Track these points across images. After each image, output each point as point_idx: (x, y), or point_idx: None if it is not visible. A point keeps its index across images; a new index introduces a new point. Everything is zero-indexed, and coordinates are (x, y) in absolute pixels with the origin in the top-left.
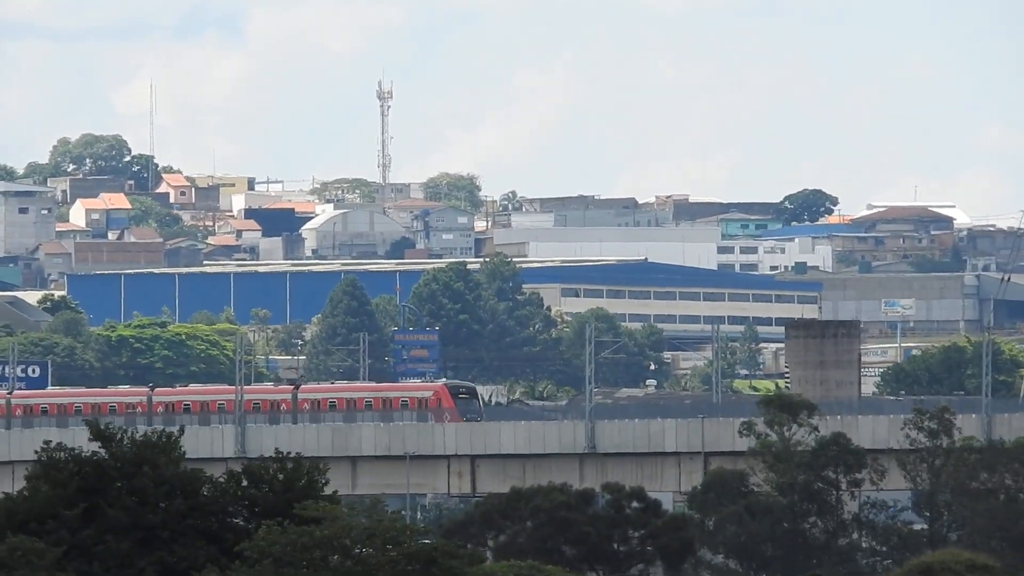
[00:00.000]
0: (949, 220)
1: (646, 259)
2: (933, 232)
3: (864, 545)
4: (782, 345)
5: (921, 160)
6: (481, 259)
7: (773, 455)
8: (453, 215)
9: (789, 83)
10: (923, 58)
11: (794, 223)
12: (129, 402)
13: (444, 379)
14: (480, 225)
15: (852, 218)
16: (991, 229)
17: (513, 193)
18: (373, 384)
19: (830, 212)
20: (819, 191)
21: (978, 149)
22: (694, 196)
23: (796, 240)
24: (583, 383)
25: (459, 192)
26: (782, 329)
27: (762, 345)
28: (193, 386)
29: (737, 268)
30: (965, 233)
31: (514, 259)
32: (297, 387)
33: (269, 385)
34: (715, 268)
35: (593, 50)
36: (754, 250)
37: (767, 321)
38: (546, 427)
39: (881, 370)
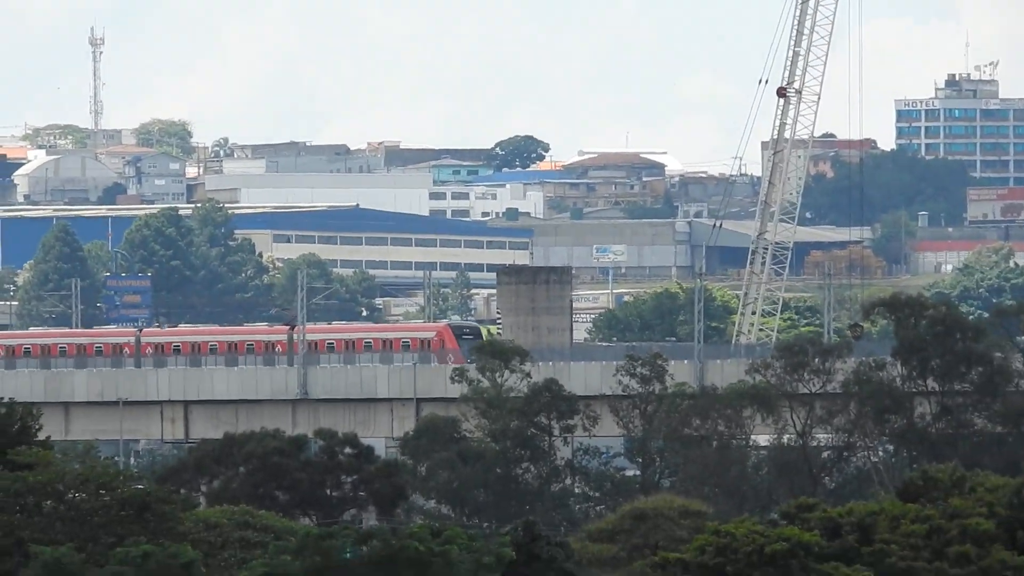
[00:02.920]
0: (661, 167)
1: (357, 205)
2: (645, 179)
3: (577, 491)
4: (494, 291)
5: (633, 107)
6: (193, 205)
7: (485, 401)
8: (165, 161)
9: (502, 28)
10: (635, 5)
11: (505, 169)
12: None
13: (447, 320)
14: (192, 171)
15: (564, 164)
16: (703, 176)
17: (225, 139)
18: (372, 324)
19: (541, 158)
20: (530, 137)
21: (691, 96)
22: (406, 143)
23: (507, 186)
24: None
25: (171, 139)
26: (494, 275)
27: (474, 291)
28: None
29: (449, 214)
30: (677, 180)
31: (226, 205)
32: (292, 328)
33: (263, 325)
34: (427, 214)
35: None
36: (466, 196)
37: (479, 267)
38: (259, 372)
39: (593, 316)
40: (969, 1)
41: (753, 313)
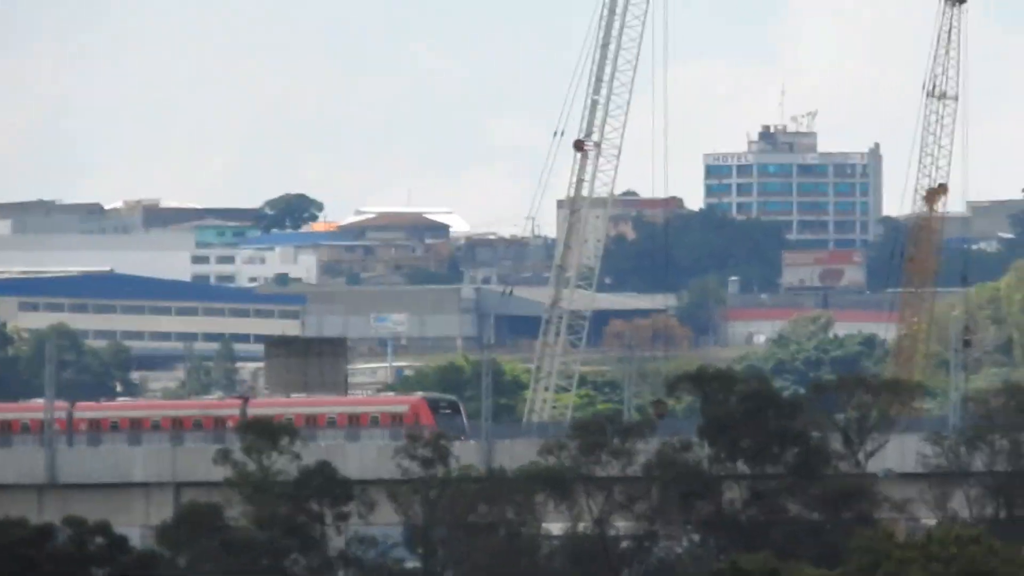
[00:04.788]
0: (445, 228)
1: (112, 270)
2: (428, 241)
3: None
4: (262, 364)
5: (416, 161)
6: None
7: (251, 485)
8: None
9: (270, 76)
10: (422, 51)
11: (275, 230)
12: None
13: (421, 392)
14: None
15: (339, 225)
16: (492, 238)
17: None
18: (338, 397)
19: (315, 219)
20: (303, 195)
21: (479, 150)
22: (166, 201)
23: (277, 249)
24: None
25: None
26: (261, 347)
27: (239, 364)
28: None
29: (212, 280)
30: (463, 242)
31: None
32: (246, 401)
33: (214, 399)
34: (188, 280)
35: (60, 42)
36: (231, 260)
37: (245, 338)
38: (0, 454)
39: (371, 392)
40: (786, 44)
41: (546, 388)
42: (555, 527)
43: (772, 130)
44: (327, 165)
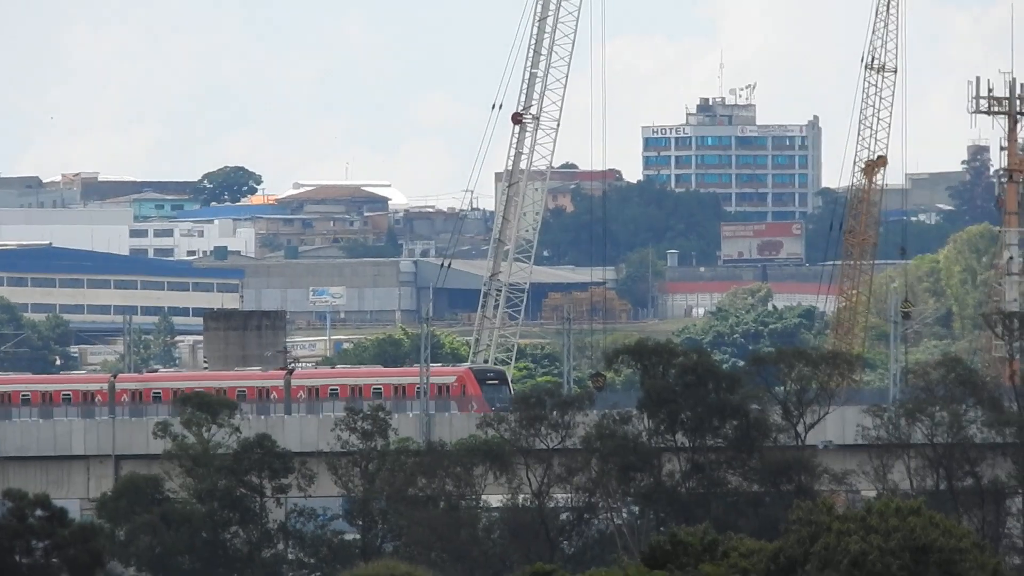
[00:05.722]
0: (384, 200)
1: (51, 243)
2: (366, 214)
3: (291, 557)
4: (201, 338)
5: (354, 134)
6: None
7: (191, 458)
8: None
9: (209, 49)
10: (358, 24)
11: (214, 203)
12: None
13: (469, 363)
14: None
15: (278, 198)
16: (430, 211)
17: None
18: (382, 368)
19: (253, 192)
20: (241, 168)
21: (416, 123)
22: (105, 174)
23: (216, 222)
24: None
25: None
26: (200, 320)
27: (179, 338)
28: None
29: (151, 253)
30: (402, 215)
31: None
32: (291, 372)
33: (257, 370)
34: (127, 253)
35: None
36: (170, 233)
37: (184, 311)
38: None
39: (310, 365)
40: (724, 17)
41: (485, 361)
42: (494, 499)
43: (711, 102)
44: (265, 138)
